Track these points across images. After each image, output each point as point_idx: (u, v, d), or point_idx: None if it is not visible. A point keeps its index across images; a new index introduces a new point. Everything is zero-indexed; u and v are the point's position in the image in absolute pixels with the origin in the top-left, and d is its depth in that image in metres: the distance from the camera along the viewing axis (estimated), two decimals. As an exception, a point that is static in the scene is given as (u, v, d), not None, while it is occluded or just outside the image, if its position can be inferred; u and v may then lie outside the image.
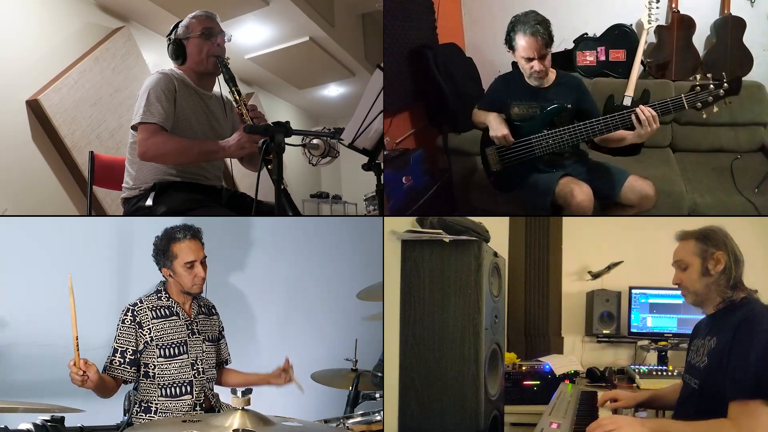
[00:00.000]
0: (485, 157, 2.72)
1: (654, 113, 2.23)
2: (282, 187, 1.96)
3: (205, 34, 2.29)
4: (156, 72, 2.28)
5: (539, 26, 2.37)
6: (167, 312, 1.92)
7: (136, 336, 1.87)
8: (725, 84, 2.18)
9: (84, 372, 1.66)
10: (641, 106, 2.25)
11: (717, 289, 1.51)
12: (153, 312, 1.90)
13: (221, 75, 2.31)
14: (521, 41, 2.40)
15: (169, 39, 2.34)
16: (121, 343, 1.86)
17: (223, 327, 2.10)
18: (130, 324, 1.87)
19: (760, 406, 1.29)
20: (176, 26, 2.35)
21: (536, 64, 2.42)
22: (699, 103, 2.21)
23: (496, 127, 2.55)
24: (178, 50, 2.32)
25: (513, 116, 2.57)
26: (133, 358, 1.86)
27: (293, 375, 2.08)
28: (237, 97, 2.25)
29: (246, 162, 2.52)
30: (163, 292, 1.95)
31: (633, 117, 2.26)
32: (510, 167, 2.62)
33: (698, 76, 2.24)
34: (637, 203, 2.46)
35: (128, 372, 1.85)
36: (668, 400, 1.80)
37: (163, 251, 1.91)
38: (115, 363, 1.85)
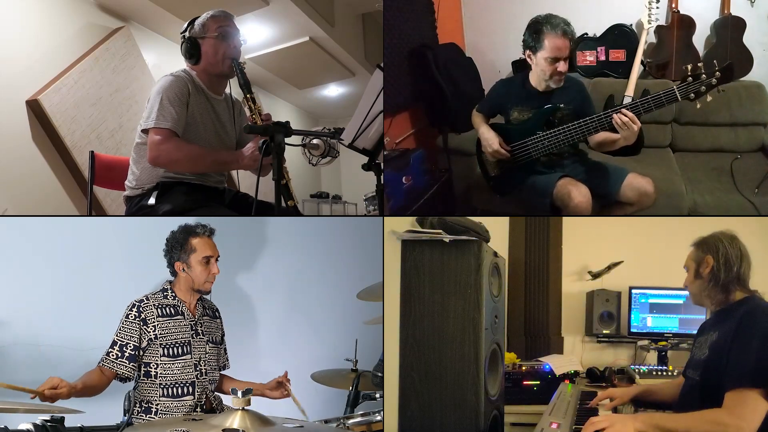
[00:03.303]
0: (482, 163, 2.72)
1: (631, 115, 2.21)
2: (283, 182, 1.95)
3: (222, 35, 2.24)
4: (169, 74, 2.23)
5: (567, 27, 2.36)
6: (172, 311, 1.92)
7: (140, 332, 1.86)
8: (717, 72, 2.17)
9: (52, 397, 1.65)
10: (621, 111, 2.23)
11: (706, 291, 1.59)
12: (158, 310, 1.90)
13: (234, 78, 2.27)
14: (550, 42, 2.35)
15: (184, 36, 2.28)
16: (122, 337, 1.85)
17: (224, 332, 2.09)
18: (134, 319, 1.86)
19: (756, 395, 1.30)
20: (192, 23, 2.28)
21: (562, 65, 2.39)
22: (692, 94, 2.19)
23: (487, 143, 2.55)
24: (192, 49, 2.26)
25: (513, 120, 2.57)
26: (133, 353, 1.85)
27: (291, 390, 2.03)
28: (252, 105, 2.22)
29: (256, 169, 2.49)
30: (169, 291, 1.95)
31: (613, 122, 2.25)
32: (508, 170, 2.61)
33: (689, 67, 2.22)
34: (636, 201, 2.46)
35: (125, 367, 1.84)
36: (663, 396, 1.81)
37: (180, 244, 1.92)
38: (112, 356, 1.84)
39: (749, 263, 1.57)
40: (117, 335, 1.86)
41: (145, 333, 1.86)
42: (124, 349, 1.84)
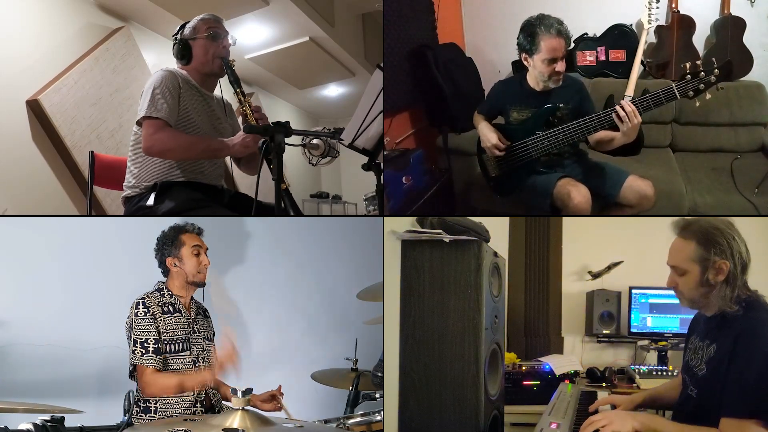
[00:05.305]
0: (482, 163, 2.72)
1: (633, 107, 2.22)
2: (284, 187, 1.98)
3: (212, 36, 2.33)
4: (161, 69, 2.30)
5: (561, 26, 2.36)
6: (171, 308, 1.95)
7: (156, 325, 1.89)
8: (716, 70, 2.16)
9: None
10: (621, 102, 2.23)
11: (717, 300, 1.40)
12: (160, 307, 1.93)
13: (225, 77, 2.36)
14: (546, 42, 2.35)
15: (175, 39, 2.37)
16: (140, 334, 1.87)
17: (215, 332, 2.11)
18: (144, 315, 1.89)
19: (753, 426, 1.26)
20: (182, 27, 2.38)
21: (559, 65, 2.39)
22: (691, 92, 2.18)
23: (486, 138, 2.55)
24: (184, 50, 2.35)
25: (513, 121, 2.56)
26: (156, 346, 1.87)
27: (283, 403, 2.00)
28: (242, 98, 2.30)
29: (243, 165, 2.53)
30: (165, 289, 1.97)
31: (614, 115, 2.25)
32: (508, 170, 2.61)
33: (688, 65, 2.21)
34: (636, 203, 2.46)
35: (153, 361, 1.86)
36: (667, 399, 1.79)
37: (171, 240, 1.98)
38: (137, 353, 1.86)
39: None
40: (134, 334, 1.88)
41: (157, 327, 1.89)
42: (146, 344, 1.86)
